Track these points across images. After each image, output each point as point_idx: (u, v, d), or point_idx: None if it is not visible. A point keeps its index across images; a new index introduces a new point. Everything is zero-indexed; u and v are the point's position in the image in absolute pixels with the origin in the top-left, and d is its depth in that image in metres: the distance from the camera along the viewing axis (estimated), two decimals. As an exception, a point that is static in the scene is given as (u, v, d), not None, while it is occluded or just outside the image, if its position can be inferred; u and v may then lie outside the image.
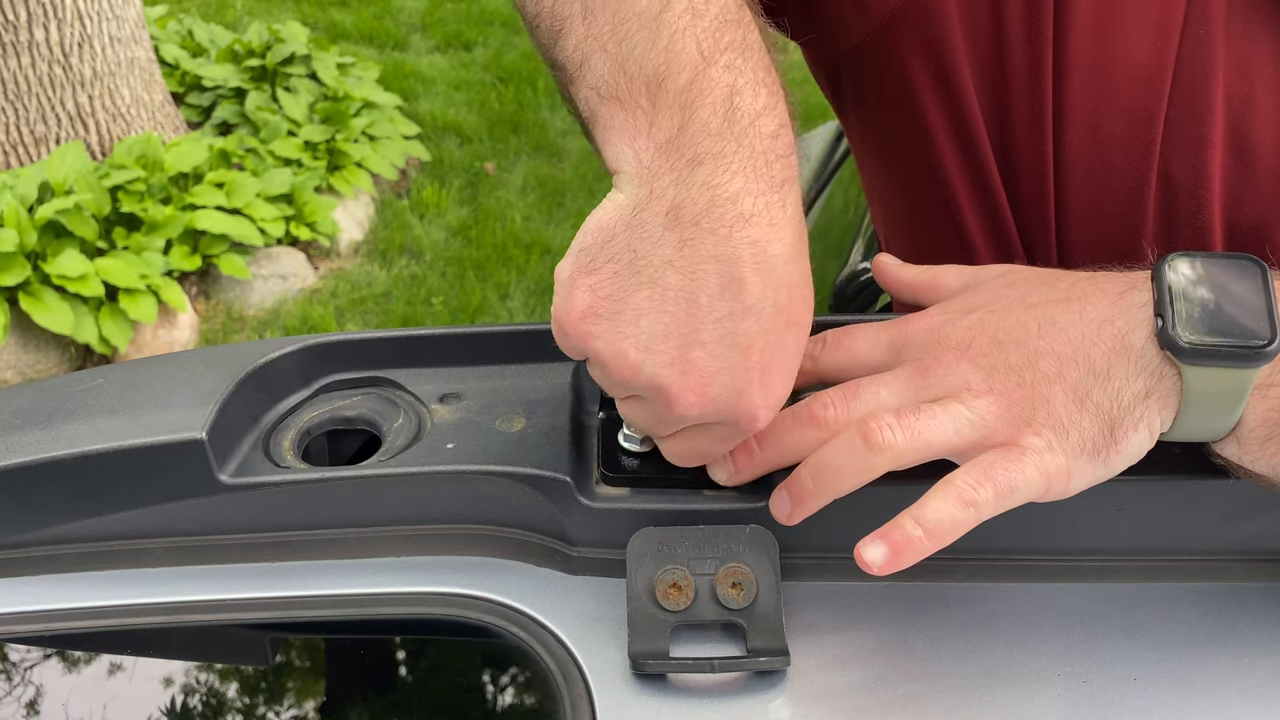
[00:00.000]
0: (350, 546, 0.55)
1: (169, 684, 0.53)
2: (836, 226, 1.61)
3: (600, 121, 0.46)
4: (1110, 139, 0.66)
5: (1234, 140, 0.65)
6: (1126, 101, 0.65)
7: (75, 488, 0.53)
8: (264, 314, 3.01)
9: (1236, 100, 0.65)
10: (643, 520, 0.51)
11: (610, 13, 0.45)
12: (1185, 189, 0.66)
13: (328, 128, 3.49)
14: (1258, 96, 0.65)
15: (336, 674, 0.56)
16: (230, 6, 4.86)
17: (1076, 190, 0.68)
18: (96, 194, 2.83)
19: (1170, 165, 0.66)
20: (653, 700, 0.47)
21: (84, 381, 0.58)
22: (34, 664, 0.54)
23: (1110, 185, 0.67)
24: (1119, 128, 0.66)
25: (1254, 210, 0.67)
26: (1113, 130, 0.66)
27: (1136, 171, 0.66)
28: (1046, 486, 0.47)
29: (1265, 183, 0.66)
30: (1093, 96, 0.66)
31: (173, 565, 0.55)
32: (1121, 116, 0.65)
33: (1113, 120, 0.66)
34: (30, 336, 2.68)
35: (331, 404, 0.59)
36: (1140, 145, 0.66)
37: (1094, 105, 0.65)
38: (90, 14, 3.02)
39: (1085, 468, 0.47)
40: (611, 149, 0.45)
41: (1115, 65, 0.65)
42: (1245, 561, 0.53)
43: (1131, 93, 0.65)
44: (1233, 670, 0.48)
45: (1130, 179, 0.67)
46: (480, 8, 5.13)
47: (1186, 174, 0.66)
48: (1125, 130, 0.66)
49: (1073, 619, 0.51)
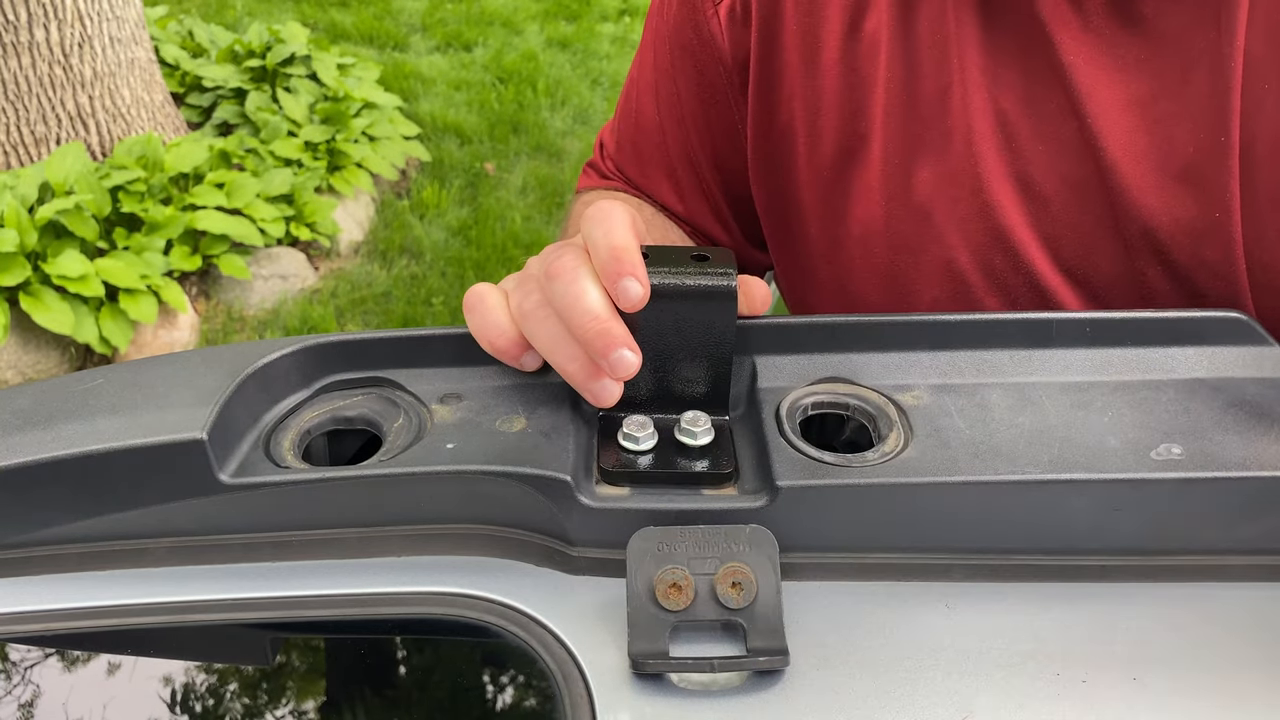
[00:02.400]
0: (350, 546, 0.55)
1: (169, 684, 0.53)
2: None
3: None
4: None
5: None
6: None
7: (75, 488, 0.53)
8: (264, 314, 3.01)
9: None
10: (643, 520, 0.51)
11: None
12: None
13: (328, 128, 3.49)
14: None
15: (336, 674, 0.56)
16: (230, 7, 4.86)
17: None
18: (97, 194, 2.83)
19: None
20: (653, 700, 0.47)
21: (84, 381, 0.58)
22: (34, 664, 0.54)
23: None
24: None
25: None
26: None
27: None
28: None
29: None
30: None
31: (173, 565, 0.55)
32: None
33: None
34: (30, 336, 2.68)
35: (332, 404, 0.59)
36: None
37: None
38: (90, 14, 3.02)
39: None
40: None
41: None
42: (1245, 562, 0.53)
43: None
44: (1233, 670, 0.49)
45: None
46: (480, 8, 5.13)
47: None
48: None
49: (1073, 619, 0.51)
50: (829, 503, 0.51)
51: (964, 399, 0.57)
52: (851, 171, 0.80)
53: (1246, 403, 0.57)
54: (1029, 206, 0.74)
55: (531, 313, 0.56)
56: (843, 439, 0.59)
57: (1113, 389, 0.58)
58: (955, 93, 0.74)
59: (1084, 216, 0.73)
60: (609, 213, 0.56)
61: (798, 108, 0.81)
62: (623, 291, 0.53)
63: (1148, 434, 0.54)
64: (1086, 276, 0.75)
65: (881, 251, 0.80)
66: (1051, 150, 0.72)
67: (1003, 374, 0.59)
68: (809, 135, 0.81)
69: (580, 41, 4.89)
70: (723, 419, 0.58)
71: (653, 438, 0.55)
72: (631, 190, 1.00)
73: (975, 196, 0.75)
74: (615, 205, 0.57)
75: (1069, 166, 0.72)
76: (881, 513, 0.52)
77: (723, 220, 0.97)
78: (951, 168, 0.75)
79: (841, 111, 0.79)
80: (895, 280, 0.80)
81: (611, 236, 0.54)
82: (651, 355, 0.57)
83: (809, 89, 0.80)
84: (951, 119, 0.74)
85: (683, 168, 0.95)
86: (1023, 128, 0.73)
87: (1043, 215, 0.74)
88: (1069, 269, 0.75)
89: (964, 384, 0.59)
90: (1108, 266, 0.74)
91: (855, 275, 0.82)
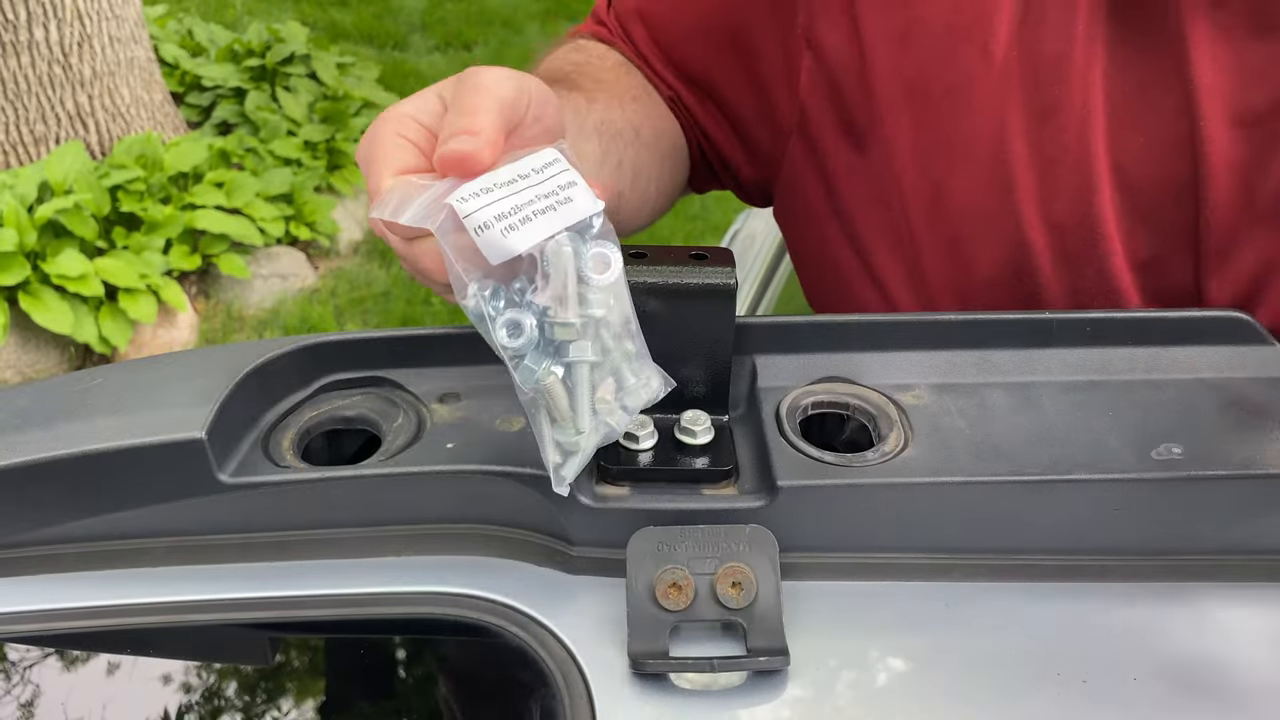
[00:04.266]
0: (350, 546, 0.55)
1: (169, 684, 0.53)
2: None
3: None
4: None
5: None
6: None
7: (74, 487, 0.53)
8: (264, 313, 3.01)
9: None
10: (642, 520, 0.51)
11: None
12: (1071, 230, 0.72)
13: (327, 127, 3.49)
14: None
15: (336, 674, 0.56)
16: (230, 6, 4.86)
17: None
18: (96, 194, 2.83)
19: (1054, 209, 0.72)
20: (652, 700, 0.47)
21: (84, 381, 0.58)
22: (34, 664, 0.54)
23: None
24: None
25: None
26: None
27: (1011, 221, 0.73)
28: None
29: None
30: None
31: (172, 565, 0.55)
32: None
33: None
34: (30, 336, 2.68)
35: (331, 404, 0.59)
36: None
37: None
38: (90, 14, 3.02)
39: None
40: None
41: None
42: (1245, 561, 0.53)
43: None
44: (1232, 670, 0.48)
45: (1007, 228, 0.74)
46: (480, 8, 5.13)
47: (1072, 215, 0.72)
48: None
49: (1073, 619, 0.51)
50: (829, 502, 0.51)
51: (964, 399, 0.57)
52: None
53: (1246, 403, 0.56)
54: (1120, 196, 0.70)
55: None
56: (843, 439, 0.59)
57: (1113, 389, 0.58)
58: (1076, 61, 0.69)
59: (1168, 220, 0.70)
60: (486, 81, 0.51)
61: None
62: (452, 147, 0.49)
63: (1148, 434, 0.54)
64: (1154, 279, 0.72)
65: (953, 210, 0.74)
66: (1156, 146, 0.69)
67: (1003, 374, 0.59)
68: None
69: (580, 41, 4.88)
70: (723, 418, 0.58)
71: (652, 437, 0.55)
72: (624, 42, 0.89)
73: (1072, 173, 0.70)
74: (498, 73, 0.51)
75: (1169, 167, 0.69)
76: (882, 513, 0.52)
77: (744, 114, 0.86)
78: (1051, 138, 0.71)
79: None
80: (958, 244, 0.75)
81: (471, 118, 0.49)
82: (651, 354, 0.57)
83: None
84: (1064, 87, 0.69)
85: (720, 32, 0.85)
86: (1132, 116, 0.69)
87: (1130, 208, 0.70)
88: (1141, 266, 0.71)
89: (964, 384, 0.59)
90: (1178, 276, 0.71)
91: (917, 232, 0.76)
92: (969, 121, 0.72)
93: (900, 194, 0.76)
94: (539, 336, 0.48)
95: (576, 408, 0.49)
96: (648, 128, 0.83)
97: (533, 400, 0.49)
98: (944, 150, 0.74)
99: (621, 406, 0.50)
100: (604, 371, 0.50)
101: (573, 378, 0.49)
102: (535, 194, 0.48)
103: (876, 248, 0.79)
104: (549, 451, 0.49)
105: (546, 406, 0.49)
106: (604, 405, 0.50)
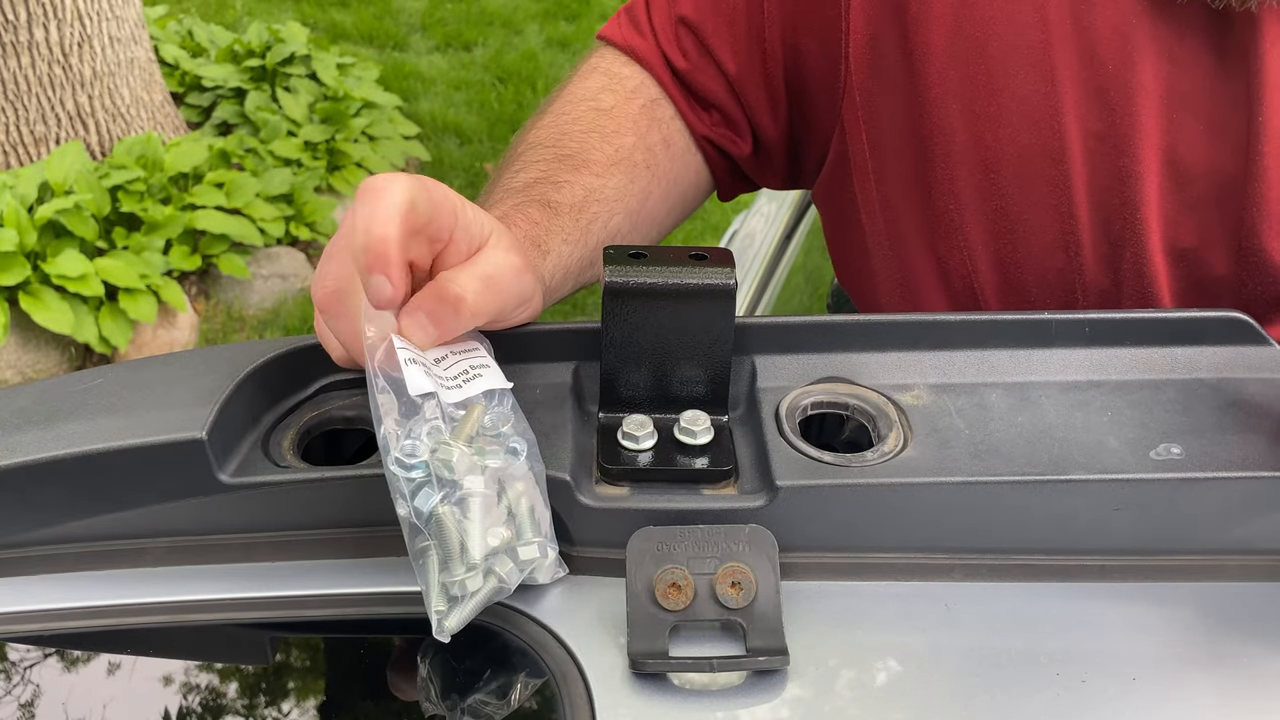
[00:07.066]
0: (350, 546, 0.55)
1: (169, 684, 0.53)
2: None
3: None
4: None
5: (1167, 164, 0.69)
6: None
7: (75, 487, 0.53)
8: (264, 314, 3.01)
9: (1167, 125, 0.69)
10: (642, 520, 0.51)
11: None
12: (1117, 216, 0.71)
13: (327, 128, 3.49)
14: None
15: (336, 674, 0.56)
16: (230, 6, 4.86)
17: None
18: (96, 194, 2.83)
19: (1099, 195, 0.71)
20: (652, 700, 0.47)
21: (84, 381, 0.58)
22: (34, 664, 0.54)
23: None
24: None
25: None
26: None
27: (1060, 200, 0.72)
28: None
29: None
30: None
31: (173, 565, 0.55)
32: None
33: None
34: (30, 336, 2.68)
35: (331, 404, 0.59)
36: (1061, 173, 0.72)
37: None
38: (90, 14, 3.02)
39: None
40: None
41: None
42: (1245, 562, 0.53)
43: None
44: (1232, 670, 0.48)
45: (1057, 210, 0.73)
46: (480, 8, 5.13)
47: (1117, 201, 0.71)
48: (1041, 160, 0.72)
49: (1073, 619, 0.51)
50: (829, 503, 0.51)
51: (964, 399, 0.57)
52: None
53: (1246, 403, 0.57)
54: (1168, 184, 0.69)
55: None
56: (842, 439, 0.59)
57: (1113, 389, 0.58)
58: (1134, 39, 0.68)
59: (1217, 212, 0.69)
60: (382, 191, 0.50)
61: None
62: (372, 288, 0.49)
63: (1147, 434, 0.54)
64: (1191, 269, 0.71)
65: (1004, 182, 0.74)
66: (1213, 137, 0.68)
67: (1003, 374, 0.59)
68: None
69: (580, 41, 4.89)
70: (722, 418, 0.58)
71: (652, 437, 0.55)
72: (675, 49, 0.86)
73: (1116, 158, 0.70)
74: (394, 180, 0.51)
75: (1223, 159, 0.68)
76: (881, 513, 0.52)
77: (774, 101, 0.85)
78: (1098, 119, 0.70)
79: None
80: (1003, 218, 0.74)
81: (373, 222, 0.49)
82: (650, 354, 0.57)
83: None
84: (1118, 65, 0.68)
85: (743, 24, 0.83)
86: (1191, 104, 0.68)
87: (1178, 197, 0.69)
88: (1180, 255, 0.71)
89: (964, 384, 0.59)
90: (1217, 268, 0.70)
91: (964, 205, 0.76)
92: (1020, 85, 0.71)
93: (949, 156, 0.75)
94: (434, 468, 0.49)
95: (467, 544, 0.48)
96: (657, 192, 0.84)
97: (421, 547, 0.48)
98: (994, 114, 0.72)
99: (513, 562, 0.49)
100: (499, 516, 0.49)
101: (465, 512, 0.48)
102: (461, 363, 0.54)
103: (922, 216, 0.78)
104: (434, 597, 0.48)
105: (435, 545, 0.48)
106: (495, 555, 0.49)
